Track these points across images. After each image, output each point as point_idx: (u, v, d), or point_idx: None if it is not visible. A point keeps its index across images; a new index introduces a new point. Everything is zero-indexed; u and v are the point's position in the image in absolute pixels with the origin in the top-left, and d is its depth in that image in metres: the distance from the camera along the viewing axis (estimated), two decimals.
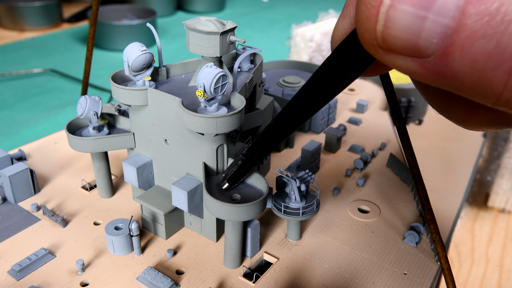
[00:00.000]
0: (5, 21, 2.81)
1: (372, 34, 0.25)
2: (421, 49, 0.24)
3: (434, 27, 0.23)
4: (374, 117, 1.34)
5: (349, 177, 1.03)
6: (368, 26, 0.25)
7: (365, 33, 0.25)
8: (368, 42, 0.25)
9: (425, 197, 0.69)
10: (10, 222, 0.85)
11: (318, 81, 0.36)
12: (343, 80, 0.34)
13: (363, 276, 0.76)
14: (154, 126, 0.79)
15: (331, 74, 0.34)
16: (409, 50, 0.24)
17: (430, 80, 0.25)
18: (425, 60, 0.24)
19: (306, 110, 0.40)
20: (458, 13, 0.22)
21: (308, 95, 0.39)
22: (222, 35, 0.73)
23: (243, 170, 0.66)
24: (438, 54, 0.23)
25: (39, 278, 0.73)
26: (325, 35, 1.95)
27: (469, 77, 0.23)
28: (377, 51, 0.25)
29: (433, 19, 0.23)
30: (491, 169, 1.76)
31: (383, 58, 0.26)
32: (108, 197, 0.93)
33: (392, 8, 0.23)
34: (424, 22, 0.23)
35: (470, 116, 0.30)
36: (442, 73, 0.24)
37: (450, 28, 0.22)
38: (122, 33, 2.53)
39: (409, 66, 0.25)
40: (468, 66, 0.23)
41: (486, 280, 1.54)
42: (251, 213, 0.68)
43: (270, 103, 0.98)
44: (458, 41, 0.22)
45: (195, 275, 0.75)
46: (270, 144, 0.53)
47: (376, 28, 0.24)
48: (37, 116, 1.86)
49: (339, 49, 0.32)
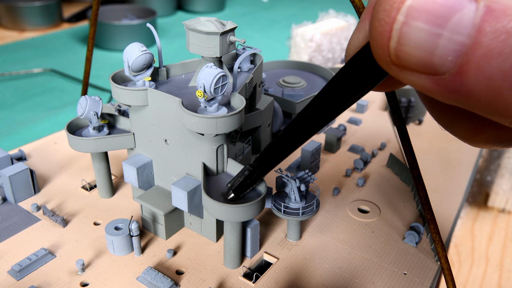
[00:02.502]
0: (5, 21, 2.81)
1: (385, 50, 0.24)
2: (435, 67, 0.23)
3: (448, 45, 0.22)
4: (374, 117, 1.34)
5: (349, 177, 1.03)
6: (381, 42, 0.24)
7: (379, 49, 0.25)
8: (382, 58, 0.25)
9: (425, 197, 0.69)
10: (10, 222, 0.85)
11: (330, 93, 0.36)
12: (356, 93, 0.33)
13: (363, 276, 0.76)
14: (154, 126, 0.79)
15: (344, 86, 0.34)
16: (423, 67, 0.24)
17: (444, 97, 0.24)
18: (440, 78, 0.23)
19: (316, 121, 0.40)
20: (474, 31, 0.22)
21: (319, 106, 0.38)
22: (222, 35, 0.73)
23: (249, 181, 0.64)
24: (453, 71, 0.23)
25: (39, 278, 0.73)
26: (325, 35, 1.95)
27: (484, 95, 0.23)
28: (391, 68, 0.25)
29: (448, 37, 0.22)
30: (491, 169, 1.76)
31: (397, 75, 0.25)
32: (108, 197, 0.93)
33: (405, 25, 0.23)
34: (439, 40, 0.22)
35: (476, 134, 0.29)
36: (457, 91, 0.23)
37: (466, 46, 0.22)
38: (122, 33, 2.53)
39: (423, 83, 0.24)
40: (484, 84, 0.22)
41: (486, 280, 1.54)
42: (249, 214, 0.68)
43: (270, 103, 0.98)
44: (474, 59, 0.22)
45: (195, 275, 0.75)
46: (279, 156, 0.51)
47: (389, 45, 0.24)
48: (37, 116, 1.86)
49: (352, 62, 0.31)
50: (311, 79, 1.28)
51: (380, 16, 0.24)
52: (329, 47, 1.99)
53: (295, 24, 2.04)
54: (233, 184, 0.68)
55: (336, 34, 2.02)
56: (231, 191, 0.68)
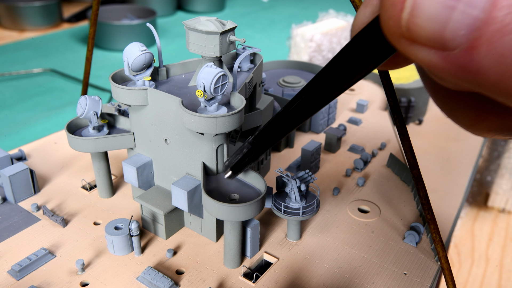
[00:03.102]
0: (5, 21, 2.81)
1: (397, 22, 0.24)
2: (446, 41, 0.23)
3: (462, 18, 0.22)
4: (374, 117, 1.34)
5: (349, 177, 1.03)
6: (393, 13, 0.24)
7: (389, 20, 0.24)
8: (392, 31, 0.24)
9: (425, 197, 0.69)
10: (10, 222, 0.85)
11: (334, 70, 0.35)
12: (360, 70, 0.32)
13: (363, 276, 0.76)
14: (154, 126, 0.79)
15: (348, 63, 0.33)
16: (434, 41, 0.23)
17: (452, 74, 0.24)
18: (449, 53, 0.23)
19: (318, 99, 0.39)
20: (489, 5, 0.21)
21: (322, 83, 0.37)
22: (222, 35, 0.73)
23: (248, 158, 0.64)
24: (464, 47, 0.22)
25: (39, 278, 0.73)
26: (325, 35, 1.95)
27: (494, 73, 0.22)
28: (400, 41, 0.24)
29: (462, 10, 0.22)
30: (491, 169, 1.76)
31: (405, 49, 0.25)
32: (108, 197, 0.93)
33: None
34: (453, 12, 0.22)
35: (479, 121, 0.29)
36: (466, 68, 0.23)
37: (479, 20, 0.21)
38: (122, 33, 2.53)
39: (431, 59, 0.24)
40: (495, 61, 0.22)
41: (486, 280, 1.54)
42: (249, 213, 0.68)
43: (270, 103, 0.98)
44: (487, 34, 0.21)
45: (195, 275, 0.75)
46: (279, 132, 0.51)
47: (401, 16, 0.23)
48: (37, 116, 1.86)
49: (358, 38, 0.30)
50: (311, 79, 1.28)
51: None
52: (329, 47, 1.99)
53: (295, 24, 2.04)
54: (231, 162, 0.67)
55: (336, 34, 2.02)
56: (229, 169, 0.68)
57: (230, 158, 0.68)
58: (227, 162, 0.69)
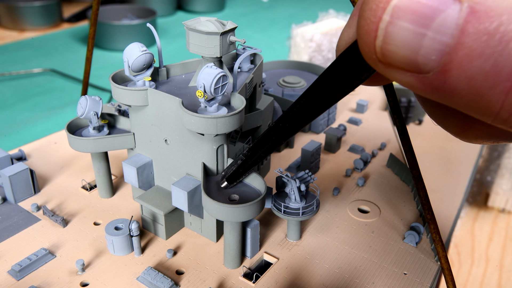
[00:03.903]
0: (5, 21, 2.81)
1: (372, 48, 0.25)
2: (419, 65, 0.24)
3: (432, 44, 0.23)
4: (374, 117, 1.34)
5: (349, 177, 1.03)
6: (367, 41, 0.25)
7: (365, 47, 0.25)
8: (368, 56, 0.26)
9: (425, 197, 0.69)
10: (10, 222, 0.85)
11: (321, 87, 0.37)
12: (345, 87, 0.34)
13: (363, 276, 0.76)
14: (154, 126, 0.79)
15: (334, 80, 0.35)
16: (408, 65, 0.24)
17: (429, 94, 0.25)
18: (424, 76, 0.24)
19: (307, 114, 0.41)
20: (457, 32, 0.22)
21: (310, 99, 0.39)
22: (222, 35, 0.73)
23: (242, 169, 0.67)
24: (437, 70, 0.23)
25: (39, 278, 0.73)
26: (325, 35, 1.95)
27: (466, 94, 0.23)
28: (377, 65, 0.26)
29: (432, 36, 0.23)
30: (491, 169, 1.76)
31: (383, 72, 0.26)
32: (108, 197, 0.93)
33: (391, 25, 0.24)
34: (423, 39, 0.23)
35: (466, 129, 0.30)
36: (440, 89, 0.24)
37: (449, 46, 0.23)
38: (122, 33, 2.53)
39: (409, 81, 0.25)
40: (466, 84, 0.23)
41: (486, 280, 1.54)
42: (249, 214, 0.68)
43: (270, 103, 0.98)
44: (456, 59, 0.23)
45: (195, 275, 0.75)
46: (271, 146, 0.54)
47: (375, 43, 0.25)
48: (37, 116, 1.86)
49: (342, 57, 0.32)
50: (311, 79, 1.28)
51: (366, 15, 0.24)
52: (329, 47, 1.99)
53: (295, 24, 2.04)
54: (227, 172, 0.70)
55: (336, 34, 2.02)
56: (224, 180, 0.69)
57: (226, 169, 0.70)
58: (223, 173, 0.71)
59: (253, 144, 0.58)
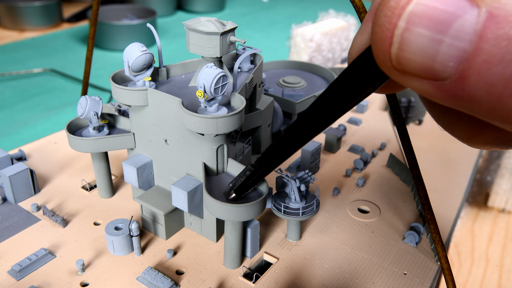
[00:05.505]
0: (5, 21, 2.81)
1: (387, 56, 0.24)
2: (437, 72, 0.23)
3: (450, 51, 0.22)
4: (374, 117, 1.34)
5: (349, 177, 1.03)
6: (382, 48, 0.24)
7: (380, 54, 0.25)
8: (383, 63, 0.25)
9: (425, 197, 0.69)
10: (10, 222, 0.85)
11: (333, 95, 0.36)
12: (358, 95, 0.34)
13: (363, 276, 0.76)
14: (154, 126, 0.79)
15: (347, 87, 0.34)
16: (424, 72, 0.24)
17: (446, 102, 0.24)
18: (441, 83, 0.23)
19: (319, 122, 0.40)
20: (476, 37, 0.22)
21: (322, 107, 0.38)
22: (222, 35, 0.73)
23: (251, 181, 0.64)
24: (455, 77, 0.23)
25: (39, 278, 0.73)
26: (325, 35, 1.95)
27: (486, 101, 0.23)
28: (392, 72, 0.25)
29: (450, 43, 0.22)
30: (491, 169, 1.76)
31: (398, 79, 0.25)
32: (108, 197, 0.93)
33: (407, 31, 0.23)
34: (440, 45, 0.22)
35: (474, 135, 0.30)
36: (458, 96, 0.23)
37: (467, 52, 0.22)
38: (122, 33, 2.53)
39: (425, 88, 0.24)
40: (485, 91, 0.22)
41: (486, 280, 1.54)
42: (250, 213, 0.68)
43: (270, 104, 0.98)
44: (475, 65, 0.22)
45: (195, 275, 0.75)
46: (280, 156, 0.52)
47: (390, 51, 0.24)
48: (37, 116, 1.86)
49: (355, 64, 0.31)
50: (311, 79, 1.28)
51: (381, 22, 0.24)
52: (329, 47, 1.99)
53: (295, 24, 2.04)
54: (235, 184, 0.68)
55: (336, 34, 2.02)
56: (232, 191, 0.68)
57: (234, 180, 0.69)
58: (231, 184, 0.70)
59: (262, 155, 0.56)
